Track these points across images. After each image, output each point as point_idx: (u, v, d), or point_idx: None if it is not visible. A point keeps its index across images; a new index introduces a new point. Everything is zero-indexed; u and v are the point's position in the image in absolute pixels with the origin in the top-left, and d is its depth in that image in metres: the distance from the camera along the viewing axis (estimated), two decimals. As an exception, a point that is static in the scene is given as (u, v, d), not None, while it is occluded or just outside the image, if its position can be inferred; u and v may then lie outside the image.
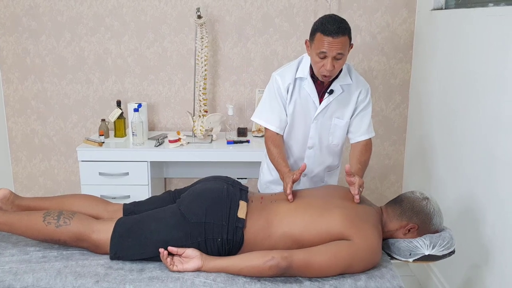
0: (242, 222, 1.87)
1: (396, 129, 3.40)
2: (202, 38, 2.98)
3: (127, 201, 2.90)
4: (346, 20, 2.06)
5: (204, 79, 3.02)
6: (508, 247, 2.07)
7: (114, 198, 2.94)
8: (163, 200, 2.09)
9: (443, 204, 2.68)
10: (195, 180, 3.43)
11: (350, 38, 2.04)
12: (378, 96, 3.33)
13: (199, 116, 3.04)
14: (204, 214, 1.86)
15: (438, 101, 2.84)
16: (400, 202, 1.97)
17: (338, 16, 2.05)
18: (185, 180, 3.48)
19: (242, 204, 1.92)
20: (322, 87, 2.23)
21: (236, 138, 3.09)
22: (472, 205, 2.40)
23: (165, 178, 3.48)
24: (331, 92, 2.20)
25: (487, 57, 2.27)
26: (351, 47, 2.11)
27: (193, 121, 3.05)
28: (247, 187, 2.10)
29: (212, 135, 3.10)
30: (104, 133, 3.08)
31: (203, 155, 2.97)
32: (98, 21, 3.24)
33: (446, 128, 2.73)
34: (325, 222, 1.84)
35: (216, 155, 2.98)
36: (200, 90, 3.03)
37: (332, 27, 1.98)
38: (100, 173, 2.93)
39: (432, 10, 2.96)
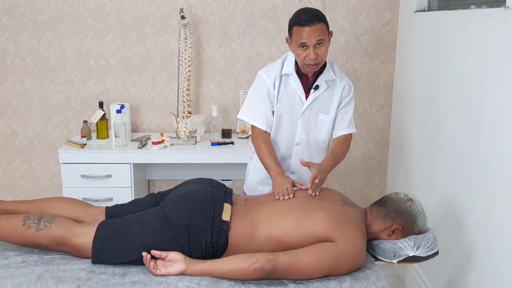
0: (227, 225, 1.85)
1: (380, 130, 3.41)
2: (186, 39, 2.96)
3: (110, 204, 2.87)
4: (331, 21, 2.10)
5: (187, 80, 3.00)
6: (490, 247, 2.08)
7: (97, 200, 2.89)
8: (146, 203, 2.07)
9: (426, 205, 2.68)
10: (179, 182, 3.44)
11: (327, 25, 2.10)
12: (362, 98, 3.34)
13: (183, 117, 3.02)
14: (188, 217, 1.84)
15: (421, 102, 2.86)
16: (384, 203, 1.98)
17: (310, 7, 2.13)
18: (169, 182, 3.45)
19: (227, 206, 1.91)
20: (308, 83, 2.26)
21: (220, 140, 3.08)
22: (454, 205, 2.42)
23: (148, 180, 3.45)
24: (317, 87, 2.23)
25: (469, 59, 2.29)
26: (331, 34, 2.16)
27: (177, 123, 3.03)
28: (232, 189, 2.08)
29: (196, 137, 3.08)
30: (86, 134, 3.04)
31: (187, 157, 2.94)
32: (80, 21, 3.19)
33: (429, 129, 2.75)
34: (309, 224, 1.83)
35: (200, 157, 2.96)
36: (183, 91, 3.01)
37: (306, 16, 2.04)
38: (82, 176, 2.89)
39: (415, 12, 2.98)
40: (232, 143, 3.06)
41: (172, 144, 2.99)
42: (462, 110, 2.34)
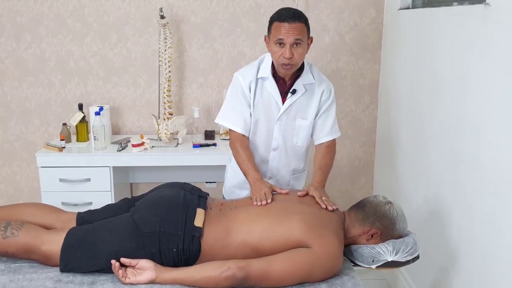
0: (199, 231, 1.79)
1: (366, 130, 3.36)
2: (166, 39, 2.90)
3: (90, 208, 2.85)
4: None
5: (168, 81, 2.94)
6: (474, 249, 2.03)
7: (76, 205, 2.84)
8: (119, 208, 2.01)
9: (411, 206, 2.65)
10: (162, 185, 3.41)
11: (308, 27, 2.04)
12: (347, 97, 3.29)
13: (164, 119, 2.96)
14: (158, 223, 1.78)
15: (407, 101, 2.81)
16: (362, 207, 1.92)
17: (293, 7, 2.08)
18: (152, 185, 3.31)
19: (200, 211, 1.85)
20: (285, 87, 2.19)
21: (202, 141, 3.02)
22: (439, 207, 2.37)
23: (131, 183, 3.38)
24: (294, 91, 2.16)
25: (452, 56, 2.24)
26: (311, 41, 2.10)
27: (158, 124, 2.97)
28: (207, 194, 2.02)
29: (178, 139, 3.02)
30: (65, 137, 2.97)
31: (168, 159, 2.88)
32: (60, 22, 3.13)
33: (414, 129, 2.70)
34: (285, 229, 1.78)
35: (181, 159, 2.90)
36: (164, 93, 2.95)
37: (288, 13, 1.99)
38: (61, 179, 2.82)
39: (399, 9, 2.93)
40: (214, 144, 3.00)
41: (153, 147, 2.93)
42: (446, 109, 2.29)
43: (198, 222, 1.81)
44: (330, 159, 2.24)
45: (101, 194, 2.86)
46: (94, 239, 1.79)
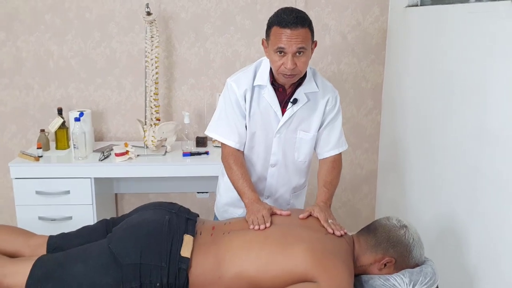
0: (187, 261, 1.55)
1: (368, 137, 3.13)
2: (152, 37, 2.65)
3: (69, 224, 2.61)
4: (314, 18, 1.81)
5: (155, 83, 2.69)
6: (495, 276, 1.81)
7: (54, 219, 2.60)
8: (96, 232, 1.77)
9: (421, 222, 2.43)
10: (150, 196, 3.17)
11: (312, 32, 1.78)
12: (349, 101, 3.06)
13: (151, 125, 2.71)
14: (139, 253, 1.54)
15: (414, 107, 2.59)
16: (374, 231, 1.69)
17: (295, 8, 1.78)
18: (139, 196, 3.15)
19: (187, 239, 1.61)
20: (285, 95, 1.93)
21: (193, 149, 2.77)
22: (453, 225, 2.14)
23: (116, 194, 3.14)
24: (295, 101, 1.90)
25: (469, 58, 2.01)
26: (315, 45, 1.84)
27: (144, 131, 2.72)
28: (197, 215, 1.78)
29: (166, 146, 2.78)
30: (42, 145, 2.72)
31: (155, 170, 2.64)
32: (37, 18, 2.87)
33: (423, 137, 2.47)
34: (286, 260, 1.54)
35: (169, 170, 2.65)
36: (151, 96, 2.70)
37: (289, 17, 1.71)
38: (37, 192, 2.57)
39: (406, 7, 2.70)
40: (206, 153, 2.75)
41: (138, 155, 2.69)
42: (463, 116, 2.07)
43: (185, 251, 1.57)
44: (337, 175, 2.00)
45: (81, 208, 2.61)
46: (64, 271, 1.55)
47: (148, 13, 2.62)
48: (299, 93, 1.91)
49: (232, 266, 1.56)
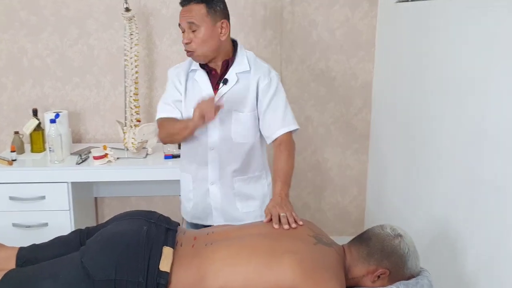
0: (166, 276, 1.44)
1: (358, 137, 3.03)
2: (132, 34, 2.52)
3: (45, 231, 2.47)
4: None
5: (135, 83, 2.57)
6: (493, 283, 1.72)
7: (29, 226, 2.47)
8: (69, 244, 1.64)
9: (413, 225, 2.33)
10: (132, 199, 3.04)
11: (208, 8, 1.83)
12: (338, 100, 2.96)
13: (131, 126, 2.58)
14: (114, 268, 1.42)
15: (405, 106, 2.49)
16: (367, 241, 1.59)
17: None
18: (120, 200, 3.02)
19: (167, 251, 1.49)
20: (217, 77, 1.94)
21: (175, 152, 2.65)
22: (448, 229, 2.05)
23: (95, 198, 3.01)
24: (225, 81, 1.90)
25: (464, 55, 1.92)
26: (224, 25, 1.86)
27: (124, 133, 2.59)
28: (177, 224, 1.67)
29: (147, 148, 2.65)
30: (16, 148, 2.58)
31: (135, 173, 2.51)
32: (11, 15, 2.73)
33: (415, 137, 2.38)
34: (274, 273, 1.43)
35: (150, 173, 2.53)
36: (131, 96, 2.57)
37: None
38: (11, 198, 2.44)
39: (397, 2, 2.60)
40: (189, 155, 2.63)
41: (118, 158, 2.56)
42: (457, 116, 1.97)
43: (164, 265, 1.45)
44: (286, 159, 1.86)
45: (58, 214, 2.48)
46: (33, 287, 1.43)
47: (127, 9, 2.49)
48: (230, 74, 1.91)
49: (216, 280, 1.45)
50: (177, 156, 2.59)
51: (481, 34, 1.81)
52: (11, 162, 2.48)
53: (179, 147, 2.73)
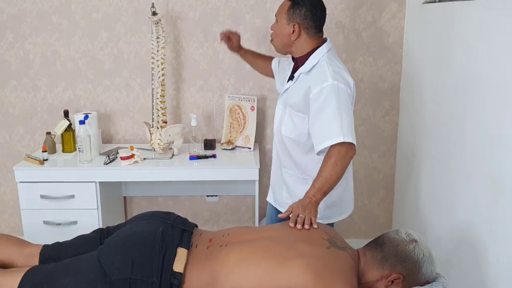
0: (179, 277, 1.47)
1: (386, 139, 2.99)
2: (158, 37, 2.57)
3: (74, 229, 2.55)
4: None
5: (161, 85, 2.62)
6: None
7: (59, 224, 2.55)
8: (90, 242, 1.70)
9: (438, 230, 2.29)
10: (159, 199, 3.10)
11: (291, 8, 1.94)
12: (365, 102, 2.93)
13: (157, 127, 2.64)
14: (130, 267, 1.46)
15: (432, 108, 2.44)
16: (381, 245, 1.58)
17: None
18: (147, 199, 3.08)
19: (181, 252, 1.52)
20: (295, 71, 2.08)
21: (200, 153, 2.69)
22: (471, 235, 2.00)
23: (124, 197, 3.08)
24: (292, 78, 2.06)
25: (490, 57, 1.87)
26: (296, 27, 1.95)
27: (151, 134, 2.65)
28: (194, 226, 1.69)
29: (173, 149, 2.70)
30: (48, 148, 2.67)
31: (161, 173, 2.56)
32: (44, 20, 2.83)
33: (441, 139, 2.33)
34: (285, 276, 1.44)
35: (175, 174, 2.57)
36: (157, 98, 2.62)
37: None
38: (42, 196, 2.53)
39: (423, 3, 2.56)
40: (214, 156, 2.67)
41: (145, 159, 2.62)
42: (480, 120, 1.93)
43: (178, 266, 1.48)
44: (329, 168, 1.79)
45: (87, 212, 2.56)
46: (53, 285, 1.48)
47: (154, 13, 2.54)
48: (298, 72, 2.01)
49: (228, 281, 1.47)
50: (202, 157, 2.63)
51: (503, 35, 1.76)
52: (42, 161, 2.57)
53: (205, 148, 2.78)
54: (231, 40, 2.47)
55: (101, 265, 1.48)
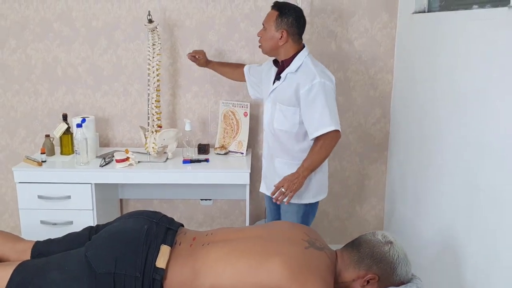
0: (161, 272, 1.53)
1: (377, 146, 3.05)
2: (154, 44, 2.65)
3: (70, 228, 2.62)
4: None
5: (156, 90, 2.69)
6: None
7: (55, 224, 2.62)
8: (80, 239, 1.77)
9: (424, 236, 2.34)
10: (154, 201, 3.17)
11: (278, 16, 2.21)
12: (356, 110, 2.99)
13: (152, 132, 2.71)
14: (114, 262, 1.53)
15: (422, 116, 2.50)
16: (358, 247, 1.63)
17: None
18: (143, 202, 3.15)
19: (164, 249, 1.59)
20: (279, 73, 2.33)
21: (193, 157, 2.76)
22: (451, 242, 2.06)
23: (120, 199, 3.15)
24: (279, 78, 2.30)
25: (472, 67, 1.94)
26: (283, 31, 2.22)
27: (145, 138, 2.72)
28: (179, 225, 1.76)
29: (167, 153, 2.77)
30: (46, 150, 2.76)
31: (155, 176, 2.63)
32: (46, 27, 2.92)
33: (429, 147, 2.39)
34: (262, 274, 1.50)
35: (169, 177, 2.64)
36: (152, 103, 2.70)
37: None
38: (39, 196, 2.61)
39: (413, 13, 2.62)
40: (206, 160, 2.74)
41: (139, 162, 2.69)
42: (463, 128, 1.99)
43: (160, 262, 1.55)
44: (316, 150, 2.17)
45: (82, 213, 2.63)
46: (42, 278, 1.55)
47: (150, 21, 2.63)
48: (284, 72, 2.27)
49: (207, 278, 1.53)
50: (195, 161, 2.70)
51: (483, 44, 1.83)
52: (40, 163, 2.65)
53: (199, 152, 2.85)
54: (197, 58, 2.67)
55: (87, 260, 1.55)
